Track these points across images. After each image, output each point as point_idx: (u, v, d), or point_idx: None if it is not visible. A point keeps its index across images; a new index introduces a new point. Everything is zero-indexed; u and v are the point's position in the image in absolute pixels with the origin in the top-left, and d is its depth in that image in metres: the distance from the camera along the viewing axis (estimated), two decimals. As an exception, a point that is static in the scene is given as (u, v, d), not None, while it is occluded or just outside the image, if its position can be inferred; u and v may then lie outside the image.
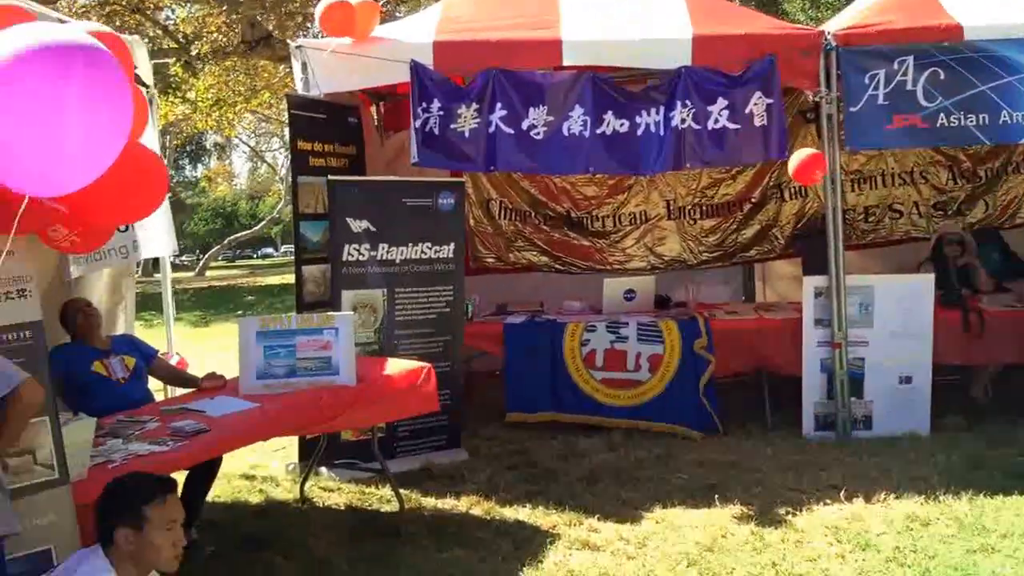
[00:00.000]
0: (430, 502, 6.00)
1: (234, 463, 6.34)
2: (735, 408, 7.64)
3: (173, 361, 6.58)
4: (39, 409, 3.24)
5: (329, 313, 5.65)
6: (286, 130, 23.92)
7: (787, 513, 5.55)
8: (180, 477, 4.67)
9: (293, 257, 7.09)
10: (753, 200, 9.24)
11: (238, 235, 34.79)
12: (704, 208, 9.33)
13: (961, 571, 4.69)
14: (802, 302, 7.22)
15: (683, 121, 6.79)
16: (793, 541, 5.16)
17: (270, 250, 53.71)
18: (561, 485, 6.22)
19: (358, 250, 6.69)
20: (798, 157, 6.75)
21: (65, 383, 5.02)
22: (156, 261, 7.79)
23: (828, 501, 5.71)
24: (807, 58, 6.87)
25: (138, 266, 8.54)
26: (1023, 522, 5.28)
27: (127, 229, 6.14)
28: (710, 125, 6.83)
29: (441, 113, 6.82)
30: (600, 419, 7.43)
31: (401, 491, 5.86)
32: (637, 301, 8.09)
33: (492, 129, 6.87)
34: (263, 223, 33.21)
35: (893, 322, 7.12)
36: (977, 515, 5.41)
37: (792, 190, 9.15)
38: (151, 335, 6.39)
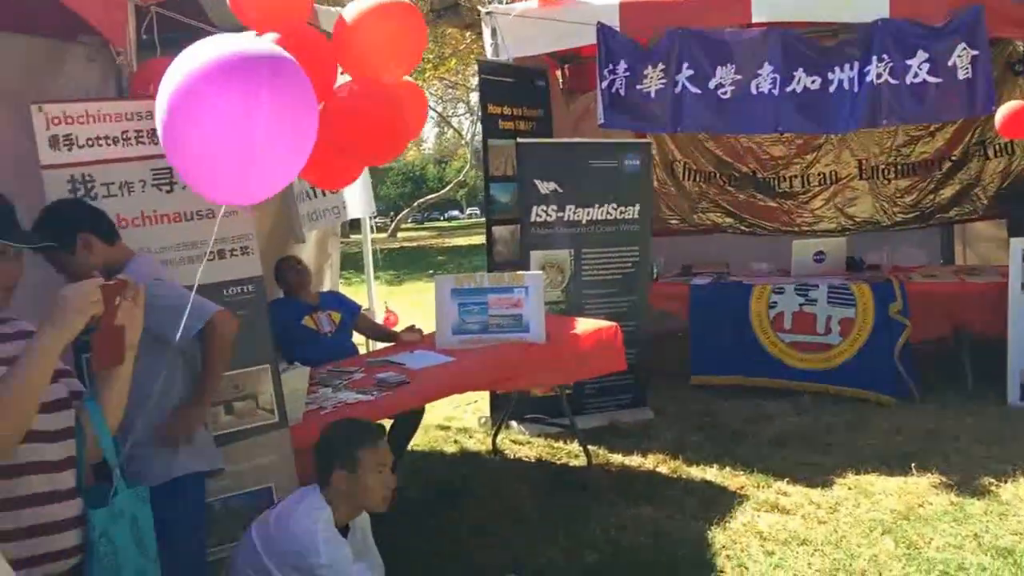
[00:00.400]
0: (617, 459, 6.06)
1: (430, 415, 6.58)
2: (932, 375, 7.32)
3: (380, 317, 6.86)
4: (234, 340, 3.33)
5: (519, 272, 5.76)
6: (472, 95, 24.35)
7: (990, 484, 5.30)
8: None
9: (478, 219, 7.27)
10: (953, 158, 8.77)
11: (426, 198, 35.68)
12: (899, 167, 8.94)
13: None
14: (1008, 265, 6.83)
15: (879, 76, 6.51)
16: (997, 513, 4.93)
17: (456, 213, 54.87)
18: (748, 447, 6.16)
19: (546, 211, 6.77)
20: (1006, 111, 6.38)
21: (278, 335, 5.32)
22: (352, 223, 8.10)
23: (1034, 473, 5.44)
24: (1018, 6, 6.45)
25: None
26: None
27: (336, 192, 6.45)
28: (909, 80, 6.52)
29: (627, 74, 6.80)
30: (788, 383, 7.29)
31: (589, 447, 5.95)
32: (827, 263, 7.86)
33: (678, 89, 6.79)
34: (450, 186, 33.89)
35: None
36: None
37: (997, 147, 8.63)
38: (350, 292, 6.69)
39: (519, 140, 6.88)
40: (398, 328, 6.15)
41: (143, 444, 3.02)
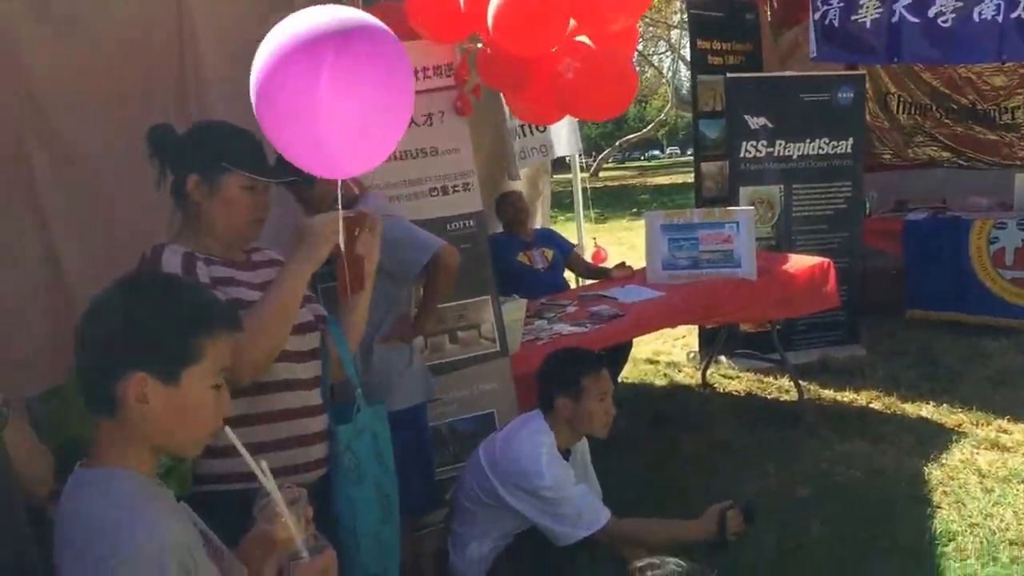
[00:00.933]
0: (828, 394, 5.84)
1: (639, 349, 6.54)
2: None
3: (588, 254, 6.86)
4: (456, 271, 3.35)
5: (729, 208, 5.59)
6: (672, 33, 23.70)
7: None
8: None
9: (679, 158, 7.10)
10: None
11: (627, 137, 35.30)
12: None
13: None
14: None
15: (1120, -6, 5.85)
16: None
17: (656, 152, 54.05)
18: (967, 385, 5.80)
19: (755, 147, 6.53)
20: None
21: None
22: (556, 162, 8.07)
23: None
24: None
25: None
26: None
27: (545, 129, 6.44)
28: None
29: (841, 4, 6.40)
30: (1009, 321, 6.79)
31: (799, 382, 5.76)
32: (1055, 197, 7.23)
33: (896, 18, 6.34)
34: (651, 126, 33.33)
35: None
36: None
37: None
38: (557, 230, 6.70)
39: (729, 75, 6.64)
40: (607, 265, 6.11)
41: (363, 362, 3.13)
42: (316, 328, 2.52)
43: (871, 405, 5.60)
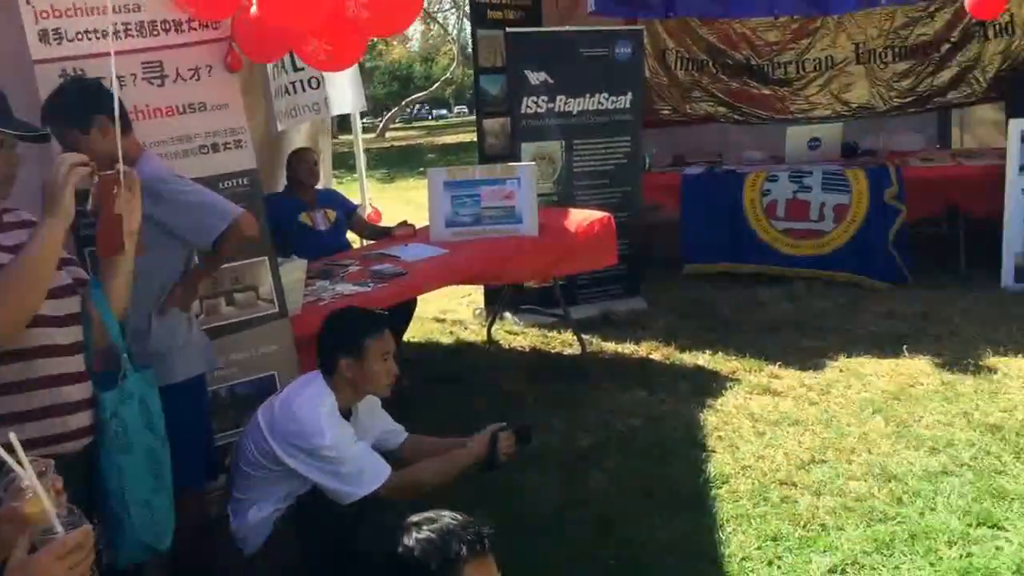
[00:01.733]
0: (610, 347, 6.23)
1: (425, 307, 6.72)
2: (926, 260, 7.47)
3: (366, 213, 6.94)
4: (253, 241, 3.41)
5: (511, 164, 5.82)
6: (457, -13, 23.90)
7: (981, 365, 5.49)
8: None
9: (467, 117, 7.29)
10: (952, 40, 8.75)
11: (414, 96, 35.47)
12: (897, 50, 8.91)
13: None
14: (1006, 147, 6.91)
15: (877, -45, 6.48)
16: (987, 392, 5.12)
17: (444, 112, 54.37)
18: (741, 333, 6.33)
19: (536, 102, 6.79)
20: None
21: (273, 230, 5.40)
22: (341, 123, 8.08)
23: (1024, 353, 5.62)
24: None
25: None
26: None
27: (319, 86, 6.43)
28: (907, -43, 6.49)
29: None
30: (781, 269, 7.44)
31: (582, 336, 6.10)
32: (822, 150, 7.92)
33: (672, -28, 6.76)
34: (437, 84, 33.63)
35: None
36: None
37: (998, 27, 8.60)
38: (341, 191, 6.76)
39: (508, 30, 6.86)
40: (388, 224, 6.23)
41: (142, 333, 3.14)
42: (75, 292, 2.51)
43: (651, 356, 6.03)
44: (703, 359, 5.88)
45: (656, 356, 6.02)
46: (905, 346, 5.79)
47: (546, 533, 3.86)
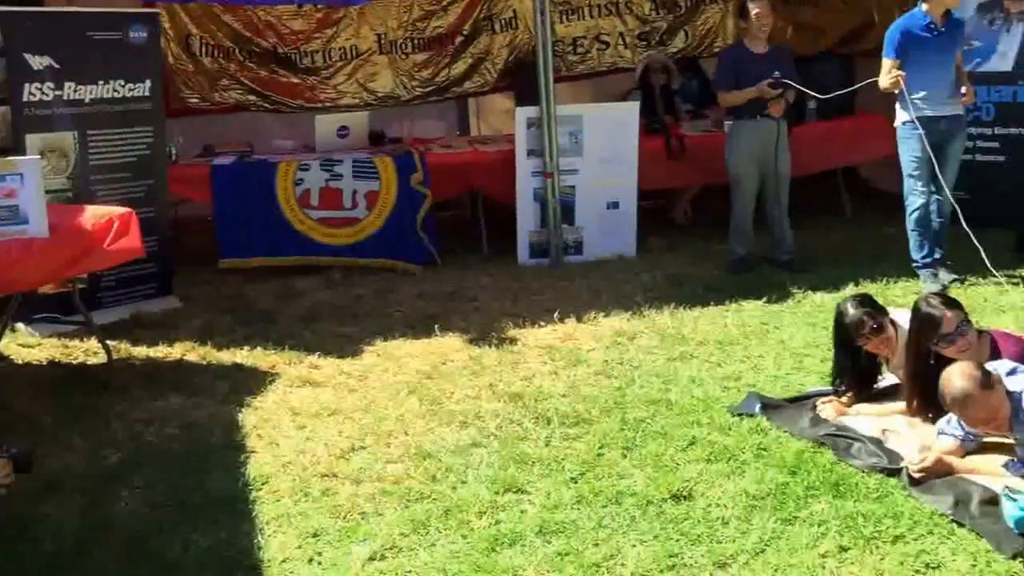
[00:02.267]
0: (141, 351, 5.84)
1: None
2: (453, 241, 7.88)
3: None
4: None
5: (11, 158, 5.23)
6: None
7: (504, 337, 5.86)
8: None
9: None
10: (464, 33, 9.27)
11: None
12: (416, 41, 9.27)
13: (662, 377, 5.18)
14: (515, 133, 7.43)
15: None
16: (510, 363, 5.47)
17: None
18: (279, 325, 6.24)
19: (41, 89, 6.18)
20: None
21: None
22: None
23: (543, 324, 6.08)
24: None
25: None
26: (717, 330, 5.87)
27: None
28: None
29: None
30: (318, 259, 7.43)
31: (109, 342, 5.66)
32: (351, 138, 8.02)
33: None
34: None
35: (602, 150, 7.49)
36: (678, 326, 5.95)
37: (503, 22, 9.25)
38: None
39: (2, 8, 6.17)
40: None
41: None
42: None
43: (186, 357, 5.73)
44: (241, 356, 5.71)
45: (192, 357, 5.73)
46: (436, 326, 6.03)
47: (67, 566, 3.50)
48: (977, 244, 5.88)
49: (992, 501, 3.62)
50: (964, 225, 5.91)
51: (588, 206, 7.53)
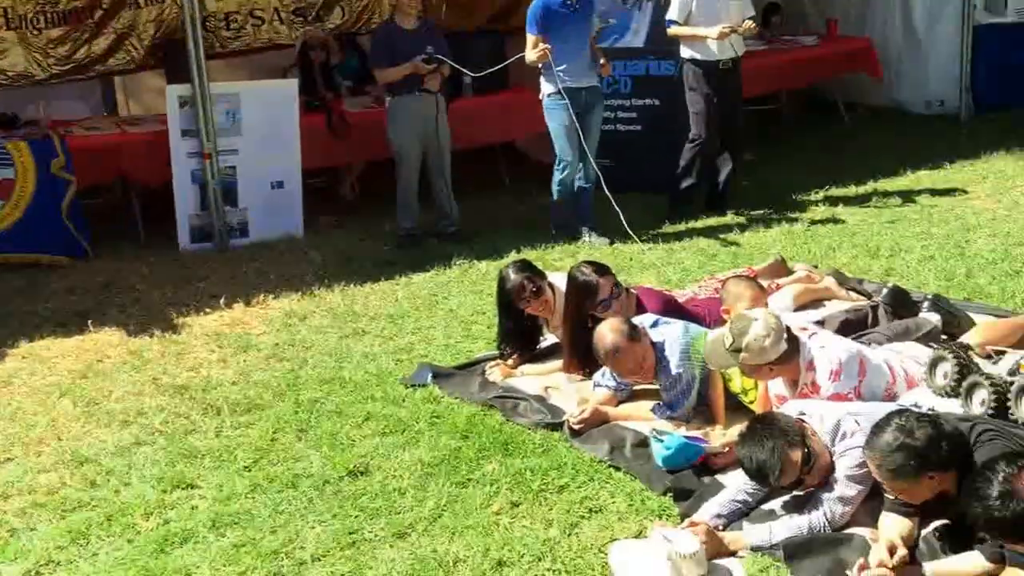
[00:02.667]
0: None
1: None
2: (105, 229, 7.38)
3: None
4: None
5: None
6: None
7: (167, 327, 5.59)
8: None
9: None
10: (105, 7, 8.66)
11: None
12: (49, 16, 8.51)
13: (335, 356, 5.15)
14: (167, 113, 7.07)
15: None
16: (174, 354, 5.23)
17: None
18: None
19: None
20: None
21: None
22: None
23: (208, 310, 5.86)
24: None
25: None
26: (388, 304, 5.92)
27: None
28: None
29: None
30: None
31: None
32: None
33: None
34: None
35: (261, 128, 7.27)
36: (349, 304, 5.94)
37: (148, -5, 8.74)
38: None
39: None
40: None
41: None
42: None
43: None
44: None
45: None
46: (90, 321, 5.64)
47: None
48: (617, 209, 6.31)
49: (643, 444, 3.92)
50: (606, 190, 6.34)
51: (251, 186, 7.31)
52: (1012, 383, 3.39)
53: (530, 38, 6.75)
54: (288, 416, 4.42)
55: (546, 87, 6.84)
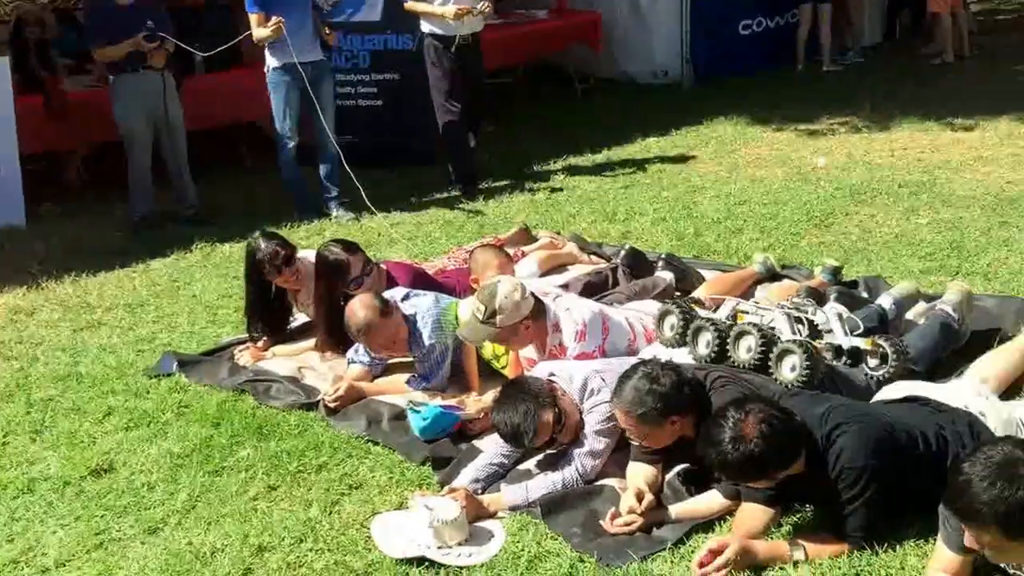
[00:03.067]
0: None
1: None
2: None
3: None
4: None
5: None
6: None
7: None
8: None
9: None
10: None
11: None
12: None
13: (69, 351, 4.86)
14: None
15: None
16: None
17: None
18: None
19: None
20: None
21: None
22: None
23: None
24: None
25: None
26: (125, 294, 5.64)
27: None
28: None
29: None
30: None
31: None
32: None
33: None
34: None
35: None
36: (82, 295, 5.62)
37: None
38: None
39: None
40: None
41: None
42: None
43: None
44: None
45: None
46: None
47: None
48: (358, 184, 6.31)
49: (400, 417, 3.94)
50: (346, 166, 6.30)
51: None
52: (732, 327, 3.66)
53: (253, 16, 6.57)
54: (19, 417, 4.15)
55: (270, 61, 6.71)
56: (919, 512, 2.87)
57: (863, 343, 3.59)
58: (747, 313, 3.78)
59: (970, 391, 3.37)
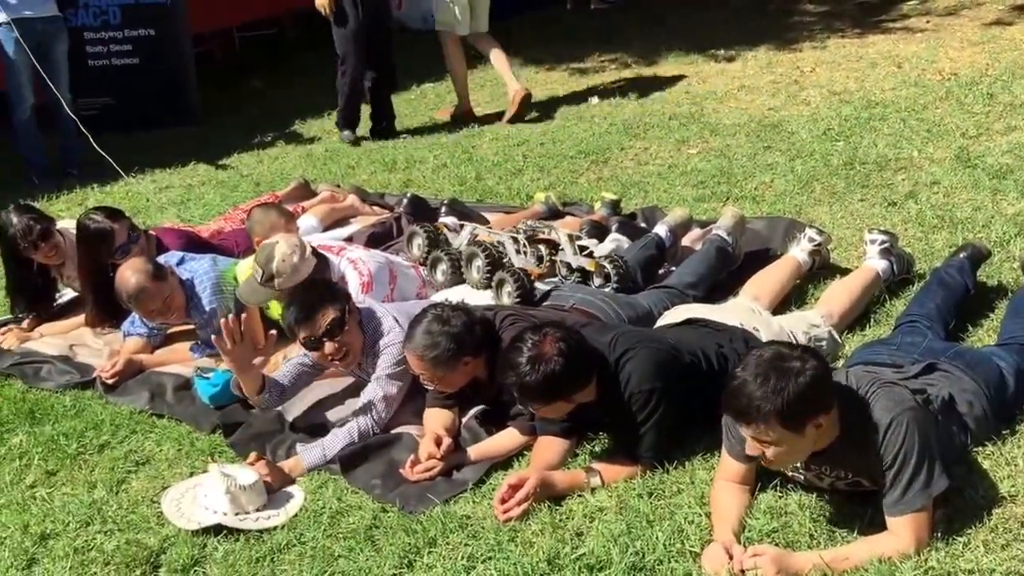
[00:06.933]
0: None
1: None
2: None
3: None
4: None
5: None
6: None
7: None
8: None
9: None
10: None
11: None
12: None
13: None
14: None
15: None
16: None
17: None
18: None
19: None
20: None
21: None
22: None
23: None
24: None
25: None
26: None
27: None
28: None
29: None
30: None
31: None
32: None
33: None
34: None
35: None
36: None
37: None
38: None
39: None
40: None
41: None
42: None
43: None
44: None
45: None
46: None
47: None
48: (100, 150, 6.05)
49: (185, 386, 3.83)
50: (83, 130, 6.02)
51: None
52: (463, 252, 4.13)
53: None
54: None
55: (-5, 15, 6.33)
56: (705, 429, 3.03)
57: (587, 263, 3.98)
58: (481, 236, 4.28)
59: (745, 309, 3.60)
